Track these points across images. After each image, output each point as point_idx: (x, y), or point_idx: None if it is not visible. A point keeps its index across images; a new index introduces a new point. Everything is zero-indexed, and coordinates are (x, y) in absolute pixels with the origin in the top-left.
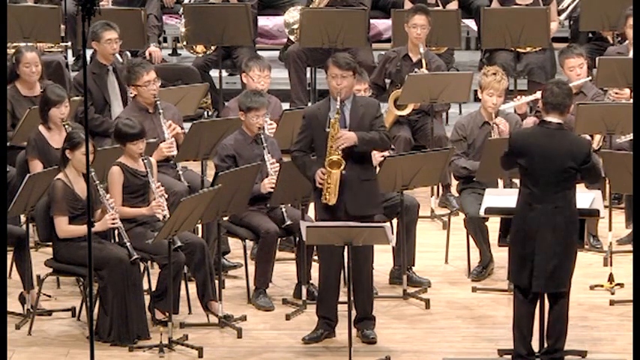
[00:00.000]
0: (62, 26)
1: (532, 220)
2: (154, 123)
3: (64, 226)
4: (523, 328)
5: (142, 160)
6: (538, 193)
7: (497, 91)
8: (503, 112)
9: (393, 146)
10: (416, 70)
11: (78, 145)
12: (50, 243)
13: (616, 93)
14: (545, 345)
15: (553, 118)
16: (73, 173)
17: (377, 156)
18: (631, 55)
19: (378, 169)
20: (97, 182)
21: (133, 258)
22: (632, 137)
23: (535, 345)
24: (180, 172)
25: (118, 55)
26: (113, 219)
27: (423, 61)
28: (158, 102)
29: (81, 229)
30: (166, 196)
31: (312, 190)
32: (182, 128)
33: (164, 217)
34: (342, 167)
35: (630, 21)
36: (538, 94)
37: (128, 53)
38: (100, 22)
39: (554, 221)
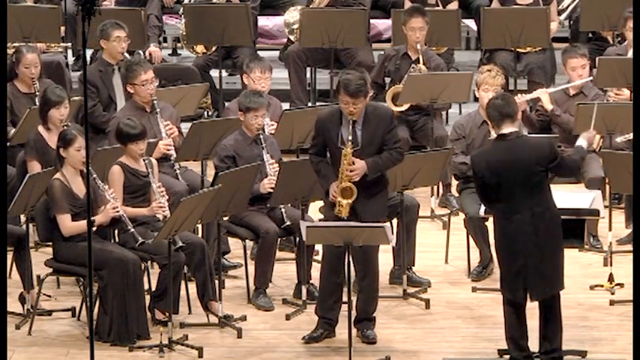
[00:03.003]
0: (62, 26)
1: (513, 232)
2: (151, 122)
3: (68, 224)
4: (515, 334)
5: (143, 160)
6: (513, 205)
7: (492, 87)
8: None
9: None
10: (414, 66)
11: (70, 142)
12: (50, 243)
13: (615, 94)
14: (543, 346)
15: (507, 129)
16: (70, 172)
17: None
18: (629, 55)
19: None
20: (95, 176)
21: (139, 242)
22: (630, 137)
23: (535, 345)
24: (178, 172)
25: (127, 54)
26: (114, 208)
27: (421, 58)
28: (155, 101)
29: (85, 225)
30: (167, 196)
31: (324, 195)
32: (179, 128)
33: (164, 217)
34: (354, 197)
35: (629, 23)
36: (538, 93)
37: (141, 52)
38: (109, 20)
39: (535, 228)
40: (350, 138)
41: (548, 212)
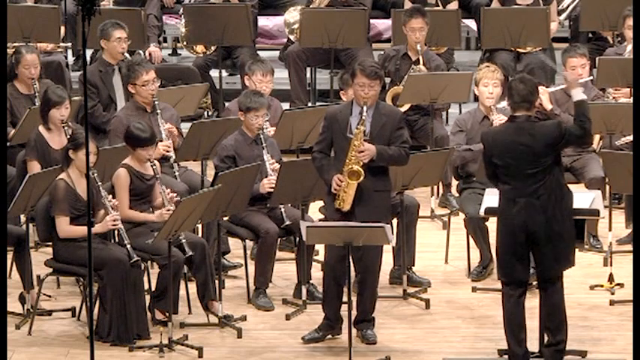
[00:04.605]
0: (62, 26)
1: (518, 214)
2: (152, 123)
3: (64, 226)
4: (515, 328)
5: (152, 166)
6: (519, 187)
7: (491, 80)
8: (503, 109)
9: None
10: (414, 66)
11: (81, 146)
12: (50, 243)
13: (615, 90)
14: (546, 339)
15: (521, 114)
16: (75, 174)
17: None
18: (627, 51)
19: None
20: (99, 184)
21: (132, 260)
22: (630, 139)
23: (534, 346)
24: (177, 173)
25: (127, 55)
26: (114, 220)
27: (421, 59)
28: (156, 102)
29: (82, 230)
30: (178, 198)
31: (327, 192)
32: (179, 129)
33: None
34: (361, 179)
35: (629, 22)
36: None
37: (141, 52)
38: (109, 20)
39: (540, 209)
40: (364, 117)
41: (554, 194)
